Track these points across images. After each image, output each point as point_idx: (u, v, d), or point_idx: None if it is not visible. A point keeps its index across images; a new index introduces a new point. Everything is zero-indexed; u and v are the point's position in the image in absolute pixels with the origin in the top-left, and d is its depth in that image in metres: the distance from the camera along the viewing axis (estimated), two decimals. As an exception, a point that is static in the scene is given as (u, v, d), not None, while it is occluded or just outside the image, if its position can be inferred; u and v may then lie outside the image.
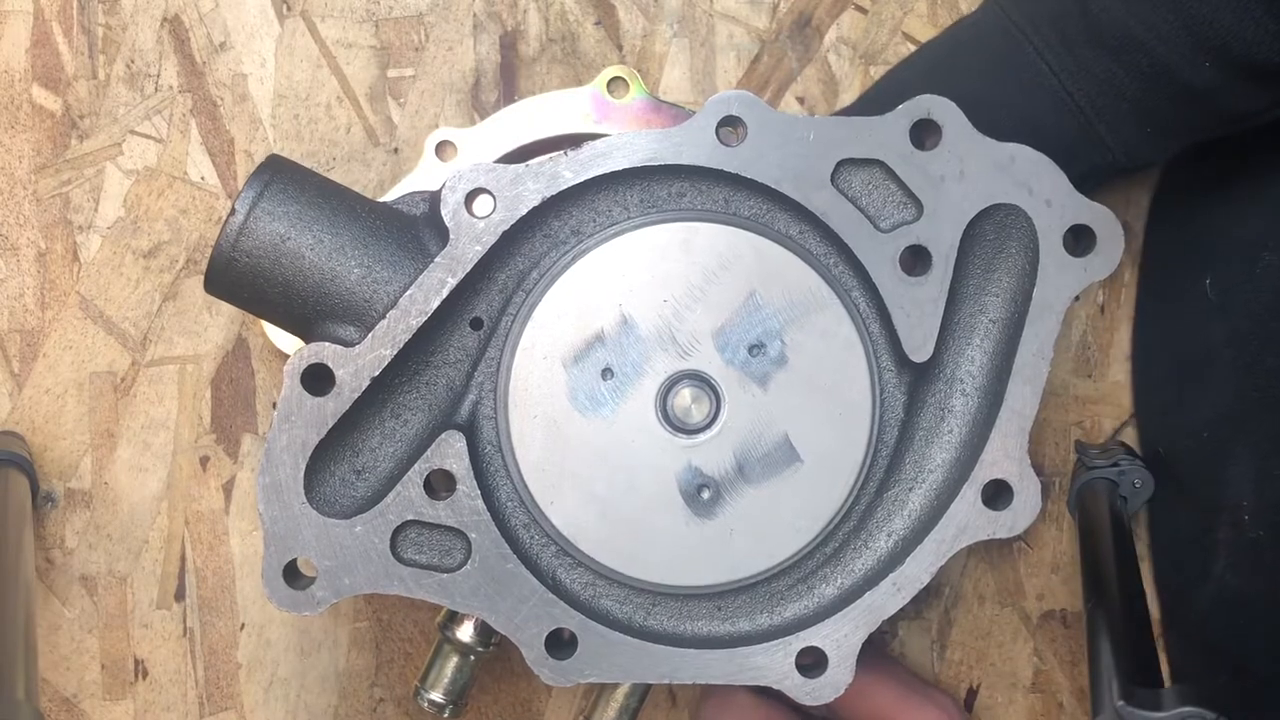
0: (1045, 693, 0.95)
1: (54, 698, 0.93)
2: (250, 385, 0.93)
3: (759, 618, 0.76)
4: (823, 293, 0.73)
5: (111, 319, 0.92)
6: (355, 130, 0.93)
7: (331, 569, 0.72)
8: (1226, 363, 0.86)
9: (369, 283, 0.72)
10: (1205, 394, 0.88)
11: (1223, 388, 0.86)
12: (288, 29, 0.93)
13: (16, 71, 0.92)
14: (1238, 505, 0.84)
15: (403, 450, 0.73)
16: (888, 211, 0.74)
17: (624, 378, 0.73)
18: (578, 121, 0.88)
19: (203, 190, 0.93)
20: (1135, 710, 0.73)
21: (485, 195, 0.71)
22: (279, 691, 0.94)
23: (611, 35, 0.93)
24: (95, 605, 0.93)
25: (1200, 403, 0.88)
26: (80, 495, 0.93)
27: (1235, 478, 0.85)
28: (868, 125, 0.73)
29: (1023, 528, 0.75)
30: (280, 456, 0.71)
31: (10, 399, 0.92)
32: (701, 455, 0.73)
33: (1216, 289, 0.87)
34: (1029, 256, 0.74)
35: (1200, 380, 0.88)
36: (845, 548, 0.76)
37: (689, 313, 0.73)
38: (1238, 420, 0.85)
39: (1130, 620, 0.82)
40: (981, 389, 0.76)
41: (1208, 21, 0.74)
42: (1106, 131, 0.79)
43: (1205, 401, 0.88)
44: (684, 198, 0.74)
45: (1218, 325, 0.87)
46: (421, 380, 0.74)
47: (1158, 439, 0.93)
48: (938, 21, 0.93)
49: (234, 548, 0.93)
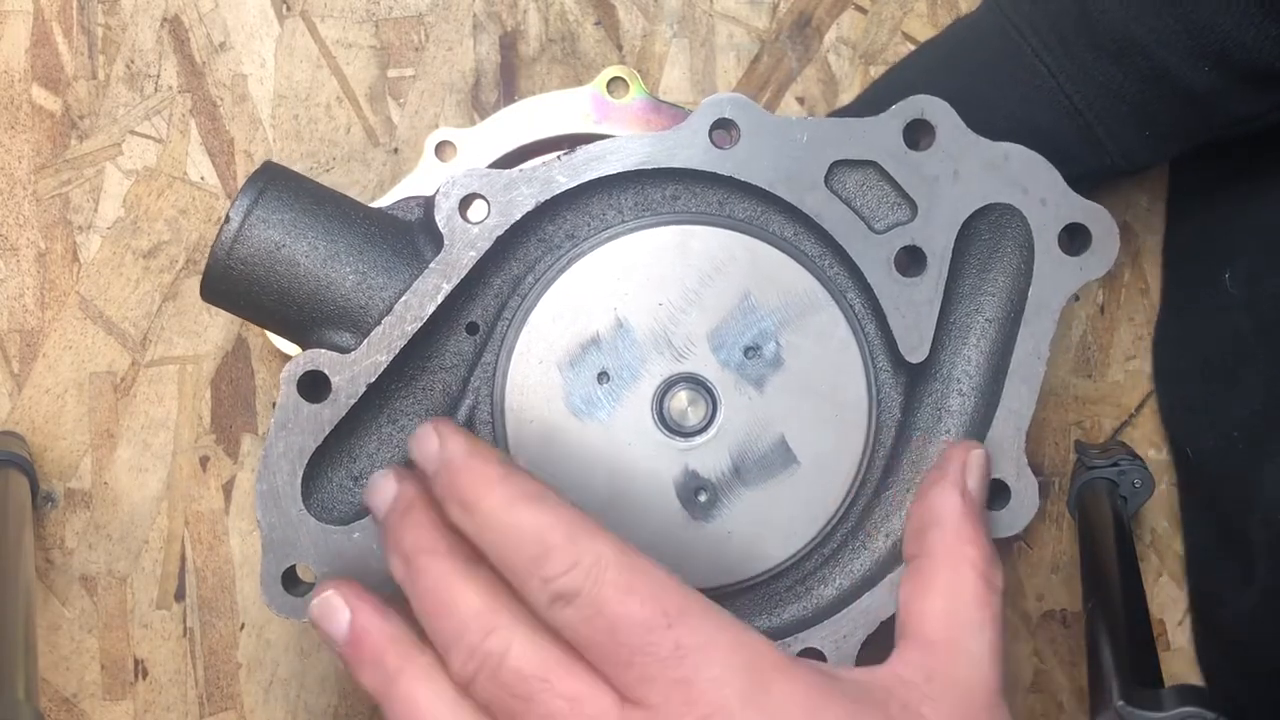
0: (1045, 693, 0.95)
1: (54, 698, 0.93)
2: (250, 385, 0.93)
3: (757, 620, 0.76)
4: (818, 294, 0.73)
5: (111, 319, 0.93)
6: (355, 130, 0.93)
7: (330, 576, 0.72)
8: (1256, 358, 0.86)
9: (364, 289, 0.72)
10: (1235, 392, 0.87)
11: (1253, 384, 0.86)
12: (288, 29, 0.93)
13: (16, 71, 0.92)
14: (1273, 506, 0.84)
15: (400, 456, 0.73)
16: (882, 212, 0.74)
17: (620, 381, 0.73)
18: (578, 122, 0.88)
19: (203, 190, 0.93)
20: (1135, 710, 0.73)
21: (479, 200, 0.71)
22: (279, 691, 0.94)
23: (611, 35, 0.93)
24: (95, 605, 0.93)
25: (1230, 401, 0.88)
26: (80, 495, 0.93)
27: (1269, 478, 0.84)
28: (861, 126, 0.73)
29: (1021, 527, 0.75)
30: (277, 463, 0.71)
31: (10, 399, 0.93)
32: (698, 458, 0.73)
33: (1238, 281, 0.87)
34: (1024, 256, 0.74)
35: (1229, 378, 0.88)
36: (843, 549, 0.76)
37: (684, 315, 0.73)
38: (1271, 417, 0.85)
39: (1130, 620, 0.81)
40: (978, 389, 0.75)
41: (1207, 25, 0.74)
42: (1104, 134, 0.78)
43: (1235, 400, 0.87)
44: (678, 200, 0.74)
45: (1244, 319, 0.87)
46: (418, 386, 0.74)
47: (1185, 441, 0.93)
48: (937, 21, 0.93)
49: (234, 548, 0.94)
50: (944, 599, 0.67)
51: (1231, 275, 0.88)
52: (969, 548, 0.68)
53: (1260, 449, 0.85)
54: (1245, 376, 0.87)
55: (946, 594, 0.67)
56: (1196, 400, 0.92)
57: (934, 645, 0.65)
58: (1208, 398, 0.90)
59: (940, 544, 0.69)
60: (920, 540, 0.70)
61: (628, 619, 0.58)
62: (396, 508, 0.64)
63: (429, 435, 0.63)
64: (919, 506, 0.71)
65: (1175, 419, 0.94)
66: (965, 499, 0.70)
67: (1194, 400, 0.92)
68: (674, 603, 0.58)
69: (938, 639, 0.66)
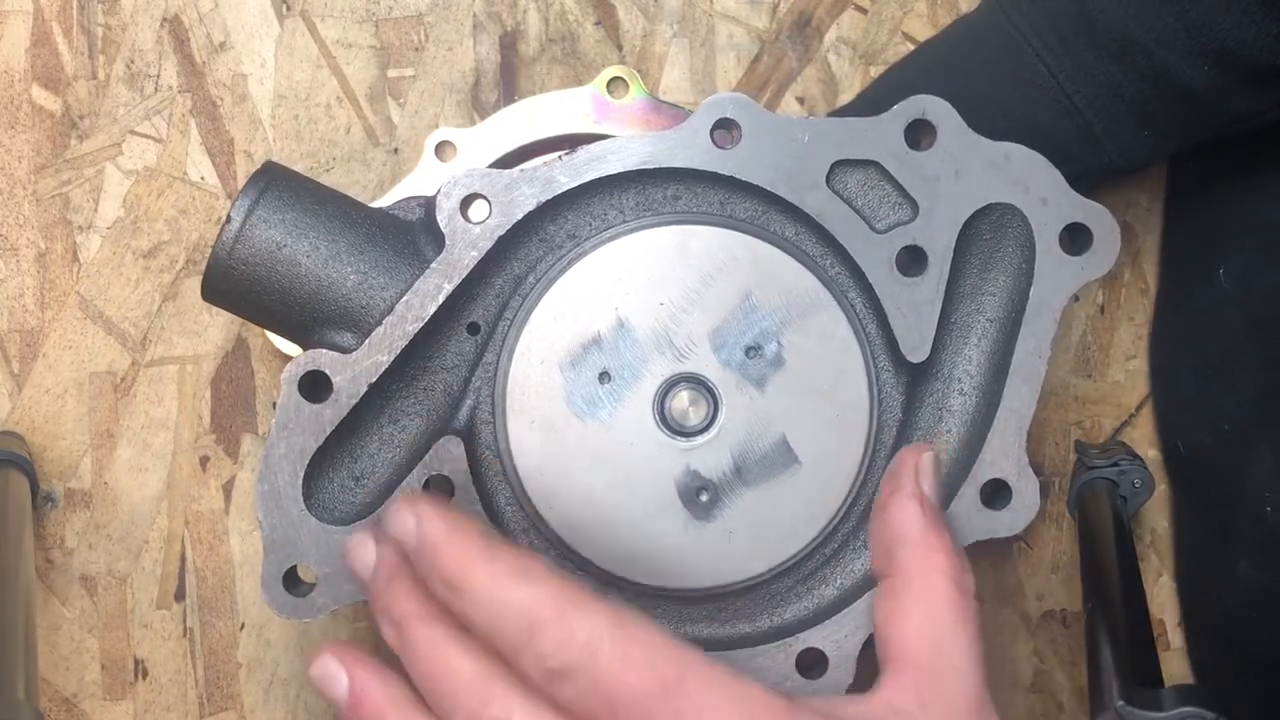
0: (1045, 693, 0.95)
1: (54, 698, 0.93)
2: (250, 385, 0.93)
3: (759, 620, 0.76)
4: (819, 294, 0.73)
5: (111, 319, 0.92)
6: (355, 130, 0.93)
7: (331, 576, 0.72)
8: (1247, 353, 0.86)
9: (365, 289, 0.72)
10: (1226, 386, 0.88)
11: (1244, 379, 0.86)
12: (288, 29, 0.93)
13: (16, 71, 0.92)
14: (1260, 499, 0.84)
15: (401, 456, 0.73)
16: (883, 212, 0.74)
17: (621, 381, 0.73)
18: (578, 122, 0.88)
19: (203, 190, 0.93)
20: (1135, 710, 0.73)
21: (480, 200, 0.71)
22: (279, 691, 0.94)
23: (611, 35, 0.93)
24: (95, 605, 0.93)
25: (1221, 396, 0.88)
26: (80, 495, 0.93)
27: (1257, 471, 0.84)
28: (862, 126, 0.73)
29: (1022, 527, 0.75)
30: (279, 464, 0.71)
31: (10, 399, 0.92)
32: (700, 458, 0.73)
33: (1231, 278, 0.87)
34: (1025, 255, 0.74)
35: (1221, 373, 0.88)
36: (845, 549, 0.76)
37: (685, 315, 0.73)
38: (1260, 411, 0.85)
39: (1130, 620, 0.81)
40: (979, 388, 0.75)
41: (1207, 24, 0.74)
42: (1103, 133, 0.79)
43: (1226, 394, 0.88)
44: (679, 200, 0.74)
45: (1236, 314, 0.87)
46: (419, 386, 0.73)
47: (1177, 435, 0.93)
48: (937, 21, 0.93)
49: (234, 548, 0.93)
50: (922, 615, 0.67)
51: (1225, 272, 0.88)
52: (937, 556, 0.68)
53: (1250, 445, 0.86)
54: (1237, 373, 0.87)
55: (924, 610, 0.67)
56: (1190, 396, 0.92)
57: (921, 667, 0.65)
58: (1200, 393, 0.90)
59: (909, 559, 0.69)
60: (889, 558, 0.70)
61: (626, 691, 0.57)
62: (380, 574, 0.62)
63: (404, 514, 0.61)
64: (880, 522, 0.71)
65: (1169, 415, 0.94)
66: (924, 507, 0.70)
67: (1187, 396, 0.92)
68: (671, 669, 0.58)
69: (923, 660, 0.66)
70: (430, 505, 0.61)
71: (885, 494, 0.72)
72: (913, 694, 0.64)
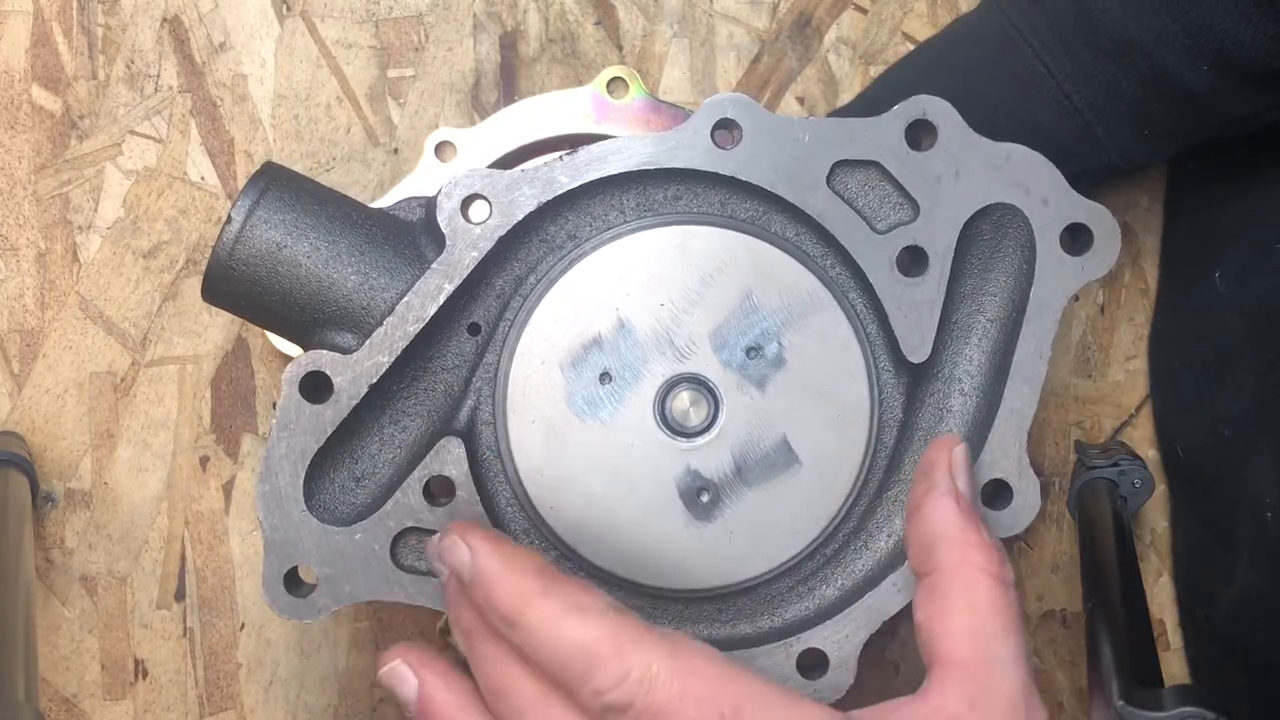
0: (1045, 693, 0.94)
1: (54, 698, 0.93)
2: (250, 385, 0.93)
3: (760, 620, 0.76)
4: (820, 294, 0.73)
5: (111, 319, 0.92)
6: (355, 130, 0.93)
7: (332, 576, 0.72)
8: (1246, 356, 0.86)
9: (366, 290, 0.72)
10: (1225, 390, 0.88)
11: (1243, 382, 0.86)
12: (288, 29, 0.93)
13: (16, 71, 0.92)
14: (1259, 503, 0.84)
15: (402, 457, 0.73)
16: (884, 212, 0.74)
17: (622, 381, 0.73)
18: (578, 122, 0.88)
19: (203, 190, 0.93)
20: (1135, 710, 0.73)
21: (481, 201, 0.71)
22: (279, 691, 0.94)
23: (611, 35, 0.93)
24: (95, 605, 0.93)
25: (1220, 399, 0.88)
26: (80, 495, 0.93)
27: (1257, 474, 0.84)
28: (863, 126, 0.73)
29: (1022, 527, 0.74)
30: (279, 464, 0.71)
31: (10, 399, 0.92)
32: (700, 458, 0.73)
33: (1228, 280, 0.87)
34: (1026, 255, 0.74)
35: (1220, 376, 0.88)
36: (845, 549, 0.76)
37: (686, 316, 0.72)
38: (1260, 414, 0.85)
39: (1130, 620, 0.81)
40: (980, 389, 0.75)
41: (1206, 24, 0.74)
42: (1103, 133, 0.79)
43: (1225, 397, 0.88)
44: (680, 201, 0.74)
45: (1234, 318, 0.87)
46: (420, 386, 0.73)
47: (1176, 439, 0.93)
48: (937, 21, 0.93)
49: (234, 548, 0.93)
50: (966, 614, 0.66)
51: (1222, 274, 0.88)
52: (976, 553, 0.68)
53: (1248, 447, 0.86)
54: (1234, 375, 0.87)
55: (968, 608, 0.67)
56: (1188, 398, 0.92)
57: (968, 667, 0.65)
58: (1199, 395, 0.90)
59: (949, 557, 0.68)
60: (928, 557, 0.69)
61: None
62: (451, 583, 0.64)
63: (458, 546, 0.63)
64: (917, 522, 0.70)
65: (1168, 418, 0.94)
66: (960, 503, 0.69)
67: (1186, 398, 0.92)
68: (728, 699, 0.58)
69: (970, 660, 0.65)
70: (483, 539, 0.62)
71: (919, 493, 0.71)
72: (962, 696, 0.64)
